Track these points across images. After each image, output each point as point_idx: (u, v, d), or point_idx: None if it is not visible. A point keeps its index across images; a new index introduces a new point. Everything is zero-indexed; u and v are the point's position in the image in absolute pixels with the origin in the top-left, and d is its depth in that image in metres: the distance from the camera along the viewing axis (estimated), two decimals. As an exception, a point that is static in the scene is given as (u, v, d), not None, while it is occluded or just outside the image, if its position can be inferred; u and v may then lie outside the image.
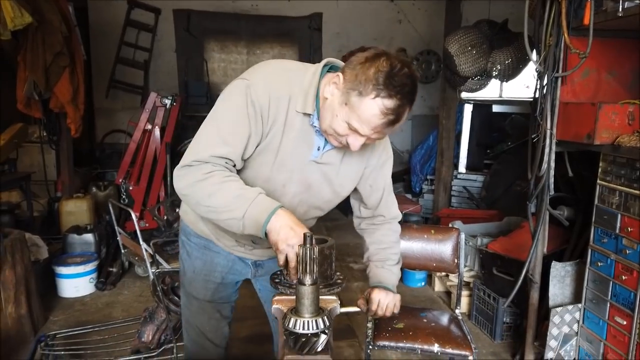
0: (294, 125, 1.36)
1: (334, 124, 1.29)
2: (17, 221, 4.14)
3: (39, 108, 4.07)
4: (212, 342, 1.74)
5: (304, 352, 1.10)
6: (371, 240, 1.69)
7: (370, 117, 1.23)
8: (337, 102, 1.27)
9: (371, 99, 1.21)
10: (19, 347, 2.86)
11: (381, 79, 1.19)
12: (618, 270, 2.26)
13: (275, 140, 1.37)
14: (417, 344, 2.17)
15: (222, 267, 1.68)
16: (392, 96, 1.20)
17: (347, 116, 1.25)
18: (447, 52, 4.07)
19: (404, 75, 1.21)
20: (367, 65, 1.22)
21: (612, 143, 2.27)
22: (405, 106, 1.23)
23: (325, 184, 1.48)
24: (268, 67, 1.40)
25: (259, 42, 6.83)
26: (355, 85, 1.22)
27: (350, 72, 1.25)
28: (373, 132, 1.27)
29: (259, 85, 1.32)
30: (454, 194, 5.10)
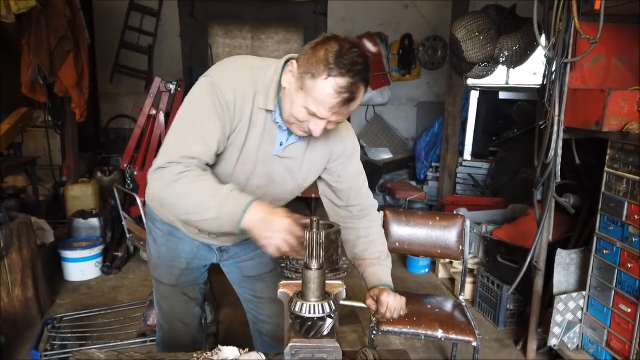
0: (257, 122, 1.38)
1: (293, 111, 1.30)
2: (22, 205, 4.16)
3: (44, 92, 4.07)
4: (182, 321, 1.78)
5: (310, 336, 1.10)
6: (357, 235, 1.64)
7: (325, 97, 1.23)
8: (294, 88, 1.28)
9: (323, 79, 1.22)
10: (26, 330, 2.89)
11: (331, 58, 1.20)
12: (623, 257, 2.25)
13: (240, 137, 1.38)
14: (420, 330, 2.18)
15: (187, 253, 1.69)
16: (343, 74, 1.21)
17: (304, 100, 1.26)
18: (454, 38, 4.02)
19: (353, 53, 1.22)
20: (317, 48, 1.24)
21: (620, 130, 2.25)
22: (358, 84, 1.23)
23: (289, 177, 1.50)
24: (232, 64, 1.40)
25: (263, 27, 6.77)
26: (308, 69, 1.24)
27: (302, 57, 1.27)
28: (331, 113, 1.26)
29: (224, 83, 1.33)
30: (458, 181, 5.08)
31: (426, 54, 6.86)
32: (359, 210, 1.63)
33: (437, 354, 2.87)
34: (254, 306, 1.85)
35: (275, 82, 1.36)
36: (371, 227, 1.66)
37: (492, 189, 4.85)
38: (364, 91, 1.27)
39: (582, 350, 2.57)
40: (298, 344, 1.10)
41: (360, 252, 1.64)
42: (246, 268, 1.78)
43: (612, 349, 2.36)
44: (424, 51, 6.85)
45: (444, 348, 2.90)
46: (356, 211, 1.63)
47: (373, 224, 1.67)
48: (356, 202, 1.61)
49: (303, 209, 5.60)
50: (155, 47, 6.46)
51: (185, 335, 1.79)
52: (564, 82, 2.38)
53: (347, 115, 1.32)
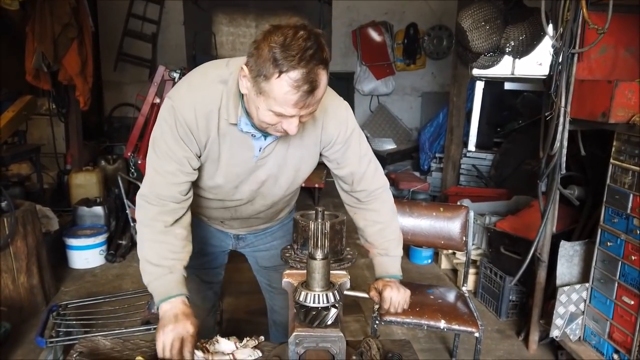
0: (227, 135, 1.35)
1: (260, 116, 1.23)
2: (27, 193, 4.17)
3: (48, 80, 4.07)
4: (193, 303, 1.78)
5: (314, 325, 1.11)
6: (365, 224, 1.61)
7: (284, 96, 1.14)
8: (253, 93, 1.21)
9: (276, 78, 1.13)
10: (31, 317, 2.92)
11: (277, 53, 1.11)
12: (628, 250, 2.25)
13: (213, 152, 1.37)
14: (423, 320, 2.19)
15: (200, 238, 1.70)
16: (295, 66, 1.11)
17: (267, 103, 1.18)
18: (460, 27, 3.98)
19: (300, 39, 1.11)
20: (261, 47, 1.14)
21: (627, 122, 2.23)
22: (315, 70, 1.13)
23: (279, 175, 1.47)
24: (191, 82, 1.35)
25: (267, 16, 6.73)
26: (259, 71, 1.15)
27: (250, 59, 1.18)
28: (297, 109, 1.18)
29: (184, 105, 1.30)
30: (462, 173, 5.07)
31: (431, 43, 6.82)
32: (365, 195, 1.57)
33: (440, 344, 2.89)
34: (269, 296, 1.90)
35: (234, 92, 1.30)
36: (379, 213, 1.60)
37: (496, 180, 4.84)
38: (326, 73, 1.17)
39: (584, 342, 2.58)
40: (302, 333, 1.10)
41: (369, 239, 1.62)
42: (262, 258, 1.81)
43: (615, 341, 2.36)
44: (429, 41, 6.81)
45: (446, 338, 2.91)
46: (362, 197, 1.58)
47: (382, 208, 1.60)
48: (361, 187, 1.55)
49: (306, 199, 5.61)
50: (159, 35, 6.45)
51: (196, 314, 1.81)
52: (571, 72, 2.36)
53: (317, 104, 1.23)
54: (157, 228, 1.35)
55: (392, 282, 1.56)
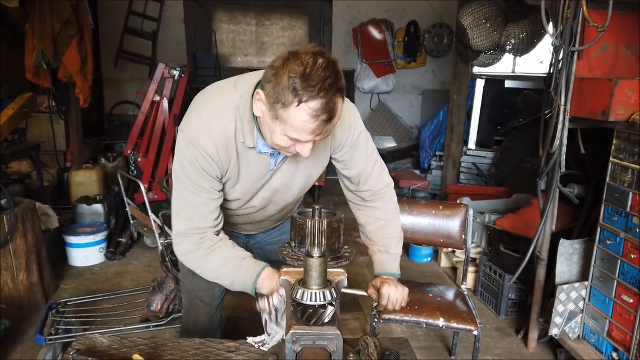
0: (246, 156, 1.39)
1: (274, 140, 1.25)
2: (27, 191, 4.17)
3: (48, 77, 4.06)
4: (202, 300, 1.80)
5: (311, 323, 1.11)
6: (367, 220, 1.64)
7: (302, 124, 1.16)
8: (269, 118, 1.22)
9: (295, 107, 1.14)
10: (30, 314, 2.92)
11: (297, 83, 1.12)
12: (627, 248, 2.25)
13: (233, 174, 1.41)
14: (422, 318, 2.19)
15: None
16: (314, 97, 1.12)
17: (283, 129, 1.20)
18: (460, 25, 3.98)
19: (319, 68, 1.13)
20: (279, 74, 1.15)
21: (626, 120, 2.22)
22: (333, 99, 1.15)
23: (292, 182, 1.52)
24: (203, 111, 1.34)
25: (268, 13, 6.72)
26: (277, 98, 1.16)
27: (267, 85, 1.19)
28: (313, 135, 1.20)
29: (200, 137, 1.32)
30: (462, 171, 5.06)
31: (432, 41, 6.80)
32: (370, 195, 1.61)
33: (439, 342, 2.89)
34: None
35: (248, 117, 1.31)
36: (382, 210, 1.63)
37: (496, 178, 4.83)
38: (342, 101, 1.19)
39: (583, 340, 2.58)
40: (299, 331, 1.10)
41: (370, 236, 1.65)
42: (270, 252, 1.83)
43: (614, 339, 2.36)
44: (429, 39, 6.79)
45: (445, 336, 2.91)
46: (367, 196, 1.61)
47: (385, 206, 1.63)
48: (366, 187, 1.59)
49: (306, 197, 5.61)
50: (159, 32, 6.44)
51: (203, 313, 1.82)
52: (571, 70, 2.35)
53: (331, 130, 1.25)
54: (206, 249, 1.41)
55: (390, 279, 1.57)
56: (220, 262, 1.41)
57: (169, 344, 1.33)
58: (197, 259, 1.42)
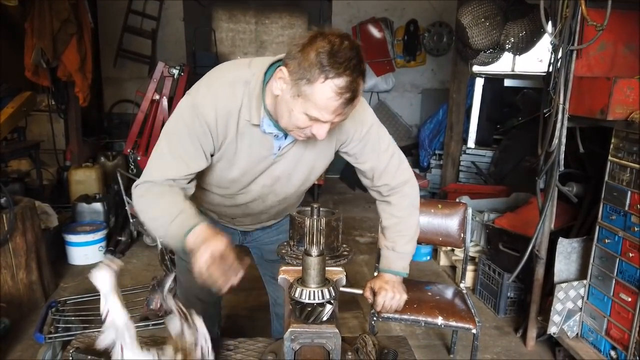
0: (246, 135, 1.36)
1: (292, 119, 1.24)
2: (27, 189, 4.18)
3: (47, 76, 4.06)
4: (197, 297, 1.80)
5: (310, 322, 1.11)
6: (383, 215, 1.63)
7: (326, 101, 1.17)
8: (289, 96, 1.21)
9: (321, 83, 1.15)
10: (30, 313, 2.93)
11: (324, 59, 1.13)
12: (625, 247, 2.25)
13: (229, 151, 1.38)
14: (421, 317, 2.19)
15: None
16: (340, 74, 1.14)
17: (304, 107, 1.20)
18: (460, 24, 3.98)
19: (346, 48, 1.15)
20: (306, 51, 1.16)
21: (625, 119, 2.23)
22: (357, 80, 1.17)
23: (294, 173, 1.48)
24: (213, 82, 1.36)
25: (267, 12, 6.71)
26: (302, 74, 1.16)
27: (292, 62, 1.19)
28: (334, 115, 1.21)
29: (205, 103, 1.31)
30: (462, 169, 5.06)
31: (432, 40, 6.80)
32: (387, 190, 1.57)
33: (438, 340, 2.89)
34: (272, 289, 1.92)
35: (257, 92, 1.31)
36: (396, 207, 1.60)
37: (496, 177, 4.84)
38: (363, 85, 1.21)
39: (581, 339, 2.58)
40: (298, 330, 1.11)
41: (382, 231, 1.64)
42: (267, 252, 1.82)
43: (612, 337, 2.37)
44: (429, 37, 6.79)
45: (444, 335, 2.92)
46: (384, 191, 1.58)
47: (400, 202, 1.59)
48: (382, 182, 1.55)
49: (306, 195, 5.61)
50: (158, 31, 6.43)
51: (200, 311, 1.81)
52: (570, 69, 2.36)
53: (348, 114, 1.26)
54: (155, 190, 1.33)
55: (390, 283, 1.56)
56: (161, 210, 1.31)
57: (167, 342, 1.33)
58: (144, 201, 1.34)
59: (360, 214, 5.20)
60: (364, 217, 5.08)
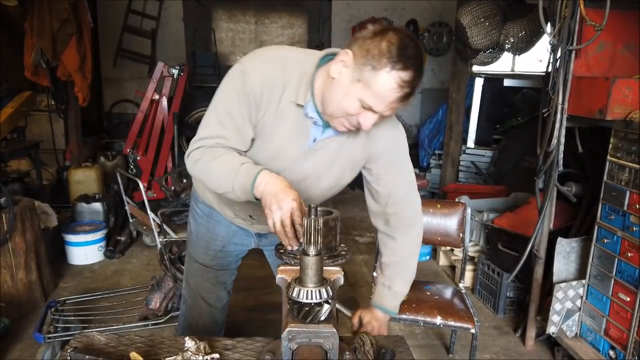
0: (286, 115, 1.35)
1: (344, 104, 1.24)
2: (26, 189, 4.18)
3: (47, 76, 4.07)
4: (206, 301, 1.80)
5: (307, 321, 1.11)
6: (385, 251, 1.60)
7: (386, 91, 1.19)
8: (348, 79, 1.22)
9: (386, 72, 1.17)
10: (30, 312, 2.93)
11: (395, 51, 1.16)
12: (624, 247, 2.25)
13: (266, 128, 1.36)
14: (419, 316, 2.19)
15: (223, 237, 1.72)
16: (407, 68, 1.17)
17: (361, 93, 1.21)
18: (460, 24, 3.98)
19: (414, 47, 1.19)
20: (377, 39, 1.19)
21: (624, 119, 2.23)
22: (418, 78, 1.20)
23: (323, 173, 1.46)
24: (266, 54, 1.38)
25: (267, 12, 6.72)
26: (368, 60, 1.18)
27: (359, 47, 1.21)
28: (387, 108, 1.23)
29: (253, 72, 1.31)
30: (461, 169, 5.06)
31: (431, 40, 6.80)
32: (397, 221, 1.55)
33: (437, 340, 2.89)
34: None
35: (309, 75, 1.31)
36: (400, 246, 1.58)
37: (495, 177, 4.84)
38: (419, 87, 1.24)
39: (580, 339, 2.58)
40: (295, 329, 1.11)
41: (382, 266, 1.63)
42: None
43: (611, 337, 2.37)
44: (429, 37, 6.79)
45: (443, 335, 2.92)
46: (393, 222, 1.55)
47: (405, 241, 1.57)
48: (394, 210, 1.53)
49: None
50: (158, 31, 6.44)
51: (207, 313, 1.82)
52: (569, 69, 2.36)
53: (399, 109, 1.28)
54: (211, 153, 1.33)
55: (379, 321, 1.59)
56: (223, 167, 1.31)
57: (166, 342, 1.33)
58: (204, 165, 1.33)
59: (360, 213, 5.20)
60: (364, 217, 5.08)
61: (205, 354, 1.22)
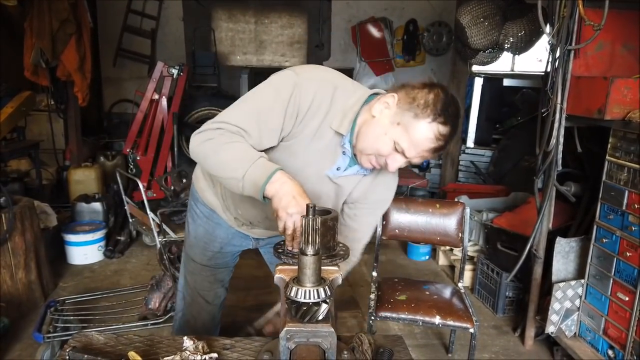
0: (322, 138, 1.37)
1: (378, 143, 1.30)
2: (26, 189, 4.19)
3: (46, 76, 4.07)
4: (204, 298, 1.82)
5: (305, 321, 1.11)
6: None
7: (422, 140, 1.26)
8: (388, 121, 1.29)
9: (428, 122, 1.25)
10: (29, 312, 2.93)
11: (439, 105, 1.24)
12: (623, 246, 2.25)
13: (299, 146, 1.38)
14: (418, 316, 2.20)
15: (222, 238, 1.73)
16: (447, 123, 1.25)
17: (398, 136, 1.27)
18: (459, 24, 3.98)
19: (456, 107, 1.28)
20: (425, 91, 1.27)
21: (622, 118, 2.23)
22: (453, 135, 1.28)
23: (333, 202, 1.50)
24: (322, 74, 1.39)
25: (267, 11, 6.71)
26: (413, 108, 1.26)
27: (405, 94, 1.29)
28: (418, 155, 1.29)
29: (308, 87, 1.32)
30: (461, 169, 5.07)
31: (431, 40, 6.78)
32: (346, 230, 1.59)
33: (436, 340, 2.90)
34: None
35: (355, 110, 1.35)
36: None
37: (495, 177, 4.84)
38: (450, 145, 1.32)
39: (579, 338, 2.58)
40: (293, 329, 1.11)
41: None
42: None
43: (610, 337, 2.37)
44: (429, 37, 6.77)
45: (442, 334, 2.92)
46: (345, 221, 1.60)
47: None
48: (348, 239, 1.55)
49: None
50: (158, 31, 6.43)
51: (205, 311, 1.84)
52: (568, 69, 2.36)
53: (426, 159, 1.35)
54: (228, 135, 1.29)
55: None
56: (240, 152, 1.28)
57: (164, 342, 1.34)
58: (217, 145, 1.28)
59: (360, 213, 5.20)
60: (363, 217, 5.08)
61: (203, 354, 1.22)
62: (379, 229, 2.48)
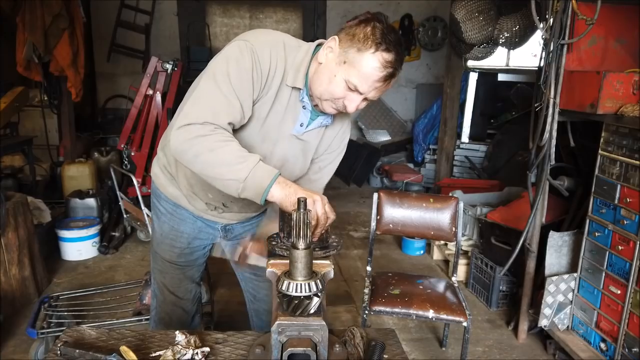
0: (282, 98, 1.40)
1: (331, 86, 1.31)
2: (20, 185, 4.17)
3: (39, 71, 4.04)
4: (175, 294, 1.81)
5: (297, 314, 1.11)
6: None
7: (371, 70, 1.26)
8: (334, 62, 1.31)
9: (371, 53, 1.26)
10: (23, 308, 2.93)
11: (379, 34, 1.26)
12: (615, 240, 2.27)
13: (263, 109, 1.39)
14: (412, 310, 2.20)
15: (188, 234, 1.72)
16: (390, 50, 1.26)
17: (346, 73, 1.29)
18: (454, 19, 3.98)
19: (395, 34, 1.29)
20: (362, 26, 1.28)
21: (615, 113, 2.24)
22: (400, 61, 1.29)
23: (300, 160, 1.52)
24: (270, 37, 1.40)
25: (262, 6, 6.69)
26: (354, 43, 1.27)
27: (345, 34, 1.31)
28: (371, 88, 1.30)
29: (264, 51, 1.33)
30: (456, 164, 5.08)
31: (426, 35, 6.80)
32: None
33: (430, 334, 2.91)
34: (252, 285, 1.88)
35: (306, 62, 1.37)
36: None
37: (490, 171, 4.85)
38: (400, 71, 1.31)
39: (572, 331, 2.60)
40: (285, 322, 1.11)
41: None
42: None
43: (602, 330, 2.39)
44: (424, 32, 6.78)
45: (436, 328, 2.93)
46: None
47: None
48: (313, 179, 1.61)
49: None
50: (152, 26, 6.40)
51: (177, 307, 1.83)
52: (561, 64, 2.36)
53: (380, 94, 1.36)
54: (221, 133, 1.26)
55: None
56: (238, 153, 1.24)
57: (157, 336, 1.34)
58: (212, 143, 1.23)
59: (355, 208, 5.21)
60: (358, 212, 5.09)
61: (195, 348, 1.22)
62: (373, 224, 2.48)
